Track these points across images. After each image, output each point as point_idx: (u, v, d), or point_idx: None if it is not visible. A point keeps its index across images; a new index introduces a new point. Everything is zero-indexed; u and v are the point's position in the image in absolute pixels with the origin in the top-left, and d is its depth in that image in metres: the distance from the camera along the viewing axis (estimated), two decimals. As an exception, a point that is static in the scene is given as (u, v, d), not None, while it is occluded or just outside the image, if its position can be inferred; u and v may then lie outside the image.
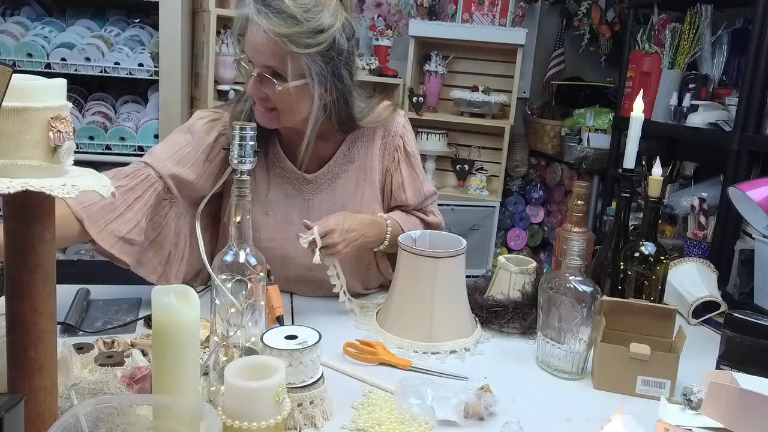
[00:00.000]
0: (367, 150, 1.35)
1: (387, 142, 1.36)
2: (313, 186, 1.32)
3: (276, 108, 1.19)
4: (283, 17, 1.11)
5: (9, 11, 2.51)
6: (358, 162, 1.34)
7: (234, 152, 0.89)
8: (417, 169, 1.39)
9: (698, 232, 2.13)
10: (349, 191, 1.34)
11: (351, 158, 1.34)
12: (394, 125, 1.36)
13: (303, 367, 0.89)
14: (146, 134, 2.47)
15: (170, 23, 2.40)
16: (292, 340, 0.91)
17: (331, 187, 1.33)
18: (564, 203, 3.24)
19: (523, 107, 3.40)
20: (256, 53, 1.15)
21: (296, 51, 1.12)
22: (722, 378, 0.96)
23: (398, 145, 1.36)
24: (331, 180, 1.33)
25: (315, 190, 1.33)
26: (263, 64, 1.15)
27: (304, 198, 1.33)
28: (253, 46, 1.15)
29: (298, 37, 1.12)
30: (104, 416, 0.71)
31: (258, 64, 1.16)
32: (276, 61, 1.14)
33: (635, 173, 1.32)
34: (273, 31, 1.11)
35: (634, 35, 2.61)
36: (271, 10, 1.11)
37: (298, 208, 1.32)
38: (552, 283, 1.09)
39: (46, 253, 0.68)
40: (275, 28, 1.11)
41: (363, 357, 1.09)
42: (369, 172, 1.35)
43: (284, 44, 1.12)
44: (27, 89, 0.65)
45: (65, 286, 1.14)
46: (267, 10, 1.11)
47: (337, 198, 1.33)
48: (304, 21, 1.12)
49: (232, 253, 0.90)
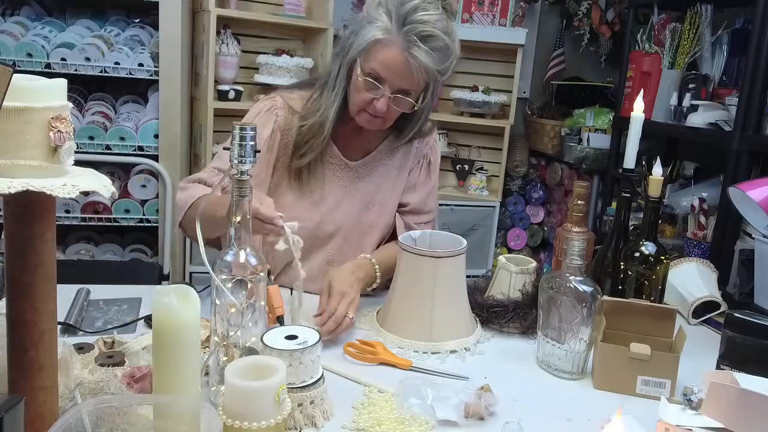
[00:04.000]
0: (406, 154, 1.44)
1: (419, 150, 1.47)
2: (353, 173, 1.40)
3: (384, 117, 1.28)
4: (440, 54, 1.20)
5: (9, 11, 2.51)
6: (396, 160, 1.44)
7: (234, 152, 0.89)
8: (432, 181, 1.48)
9: (698, 232, 2.13)
10: (385, 185, 1.43)
11: (392, 154, 1.43)
12: (429, 139, 1.48)
13: (303, 367, 0.89)
14: (146, 134, 2.47)
15: (170, 23, 2.39)
16: (293, 340, 0.91)
17: (369, 176, 1.41)
18: (564, 203, 3.24)
19: (523, 107, 3.40)
20: (399, 78, 1.22)
21: (436, 80, 1.25)
22: (722, 378, 0.96)
23: (426, 153, 1.47)
24: (371, 171, 1.41)
25: (355, 177, 1.40)
26: (403, 87, 1.23)
27: (341, 185, 1.40)
28: (396, 72, 1.21)
29: (446, 69, 1.23)
30: (105, 416, 0.71)
31: (394, 86, 1.23)
32: (416, 86, 1.24)
33: (635, 173, 1.32)
34: (432, 68, 1.19)
35: (634, 35, 2.61)
36: (431, 47, 1.18)
37: (334, 194, 1.39)
38: (552, 283, 1.09)
39: (47, 253, 0.68)
40: (434, 66, 1.19)
41: (363, 357, 1.09)
42: (403, 170, 1.45)
43: (438, 76, 1.22)
44: (27, 89, 0.65)
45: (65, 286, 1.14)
46: (426, 47, 1.18)
47: (371, 188, 1.41)
48: (452, 53, 1.22)
49: (232, 253, 0.90)
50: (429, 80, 1.24)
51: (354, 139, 1.39)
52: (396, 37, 1.18)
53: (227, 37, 2.60)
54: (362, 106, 1.26)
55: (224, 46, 2.59)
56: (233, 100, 2.59)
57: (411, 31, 1.17)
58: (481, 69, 3.17)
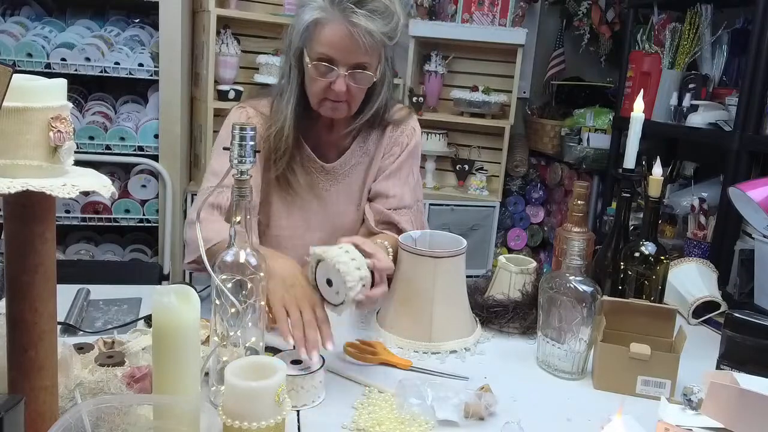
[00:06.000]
0: (379, 143, 1.40)
1: (393, 137, 1.40)
2: (331, 176, 1.38)
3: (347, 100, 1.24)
4: (381, 15, 1.15)
5: (9, 11, 2.51)
6: (370, 154, 1.40)
7: (234, 152, 0.89)
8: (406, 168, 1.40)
9: (698, 232, 2.12)
10: (361, 183, 1.40)
11: (366, 150, 1.40)
12: (406, 126, 1.41)
13: (305, 391, 0.92)
14: (146, 134, 2.47)
15: (170, 23, 2.39)
16: (297, 365, 0.94)
17: (347, 178, 1.39)
18: (564, 203, 3.24)
19: (523, 107, 3.40)
20: (348, 53, 1.18)
21: (390, 44, 1.19)
22: (722, 378, 0.96)
23: (402, 141, 1.40)
24: (347, 172, 1.39)
25: (332, 179, 1.38)
26: (355, 61, 1.19)
27: (322, 187, 1.38)
28: (343, 47, 1.17)
29: (393, 32, 1.18)
30: (105, 416, 0.72)
31: (347, 63, 1.19)
32: (369, 56, 1.19)
33: (635, 173, 1.32)
34: (377, 30, 1.15)
35: (634, 35, 2.61)
36: (369, 10, 1.14)
37: (317, 197, 1.38)
38: (552, 283, 1.09)
39: (47, 253, 0.68)
40: (379, 28, 1.15)
41: (363, 357, 1.09)
42: (375, 163, 1.40)
43: (385, 40, 1.17)
44: (27, 89, 0.65)
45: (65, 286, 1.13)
46: (364, 10, 1.14)
47: (352, 188, 1.39)
48: (394, 13, 1.17)
49: (232, 253, 0.90)
50: (378, 48, 1.20)
51: (326, 139, 1.36)
52: (332, 13, 1.15)
53: (227, 37, 2.60)
54: (321, 94, 1.23)
55: (224, 46, 2.59)
56: (233, 100, 2.59)
57: (345, 0, 1.14)
58: (481, 69, 3.18)
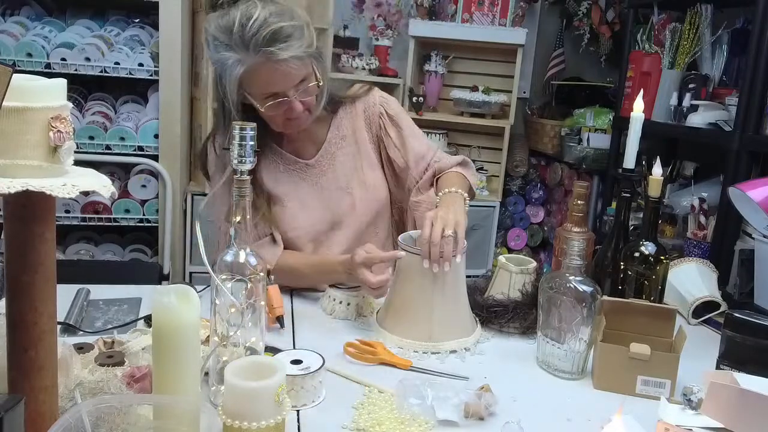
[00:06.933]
0: (354, 125, 1.44)
1: (369, 113, 1.45)
2: (316, 170, 1.42)
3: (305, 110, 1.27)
4: (294, 37, 1.19)
5: (9, 11, 2.51)
6: (349, 138, 1.44)
7: (234, 152, 0.89)
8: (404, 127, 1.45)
9: (698, 232, 2.12)
10: (349, 166, 1.43)
11: (343, 136, 1.43)
12: (371, 98, 1.46)
13: (304, 391, 0.92)
14: (146, 134, 2.47)
15: (170, 23, 2.39)
16: (297, 364, 0.94)
17: (332, 167, 1.42)
18: (564, 203, 3.24)
19: (523, 107, 3.39)
20: (287, 82, 1.22)
21: (313, 52, 1.23)
22: (722, 378, 0.96)
23: (380, 112, 1.45)
24: (331, 160, 1.42)
25: (319, 173, 1.42)
26: (295, 83, 1.23)
27: (311, 182, 1.41)
28: (280, 80, 1.21)
29: (311, 40, 1.22)
30: (105, 416, 0.71)
31: (289, 88, 1.23)
32: (304, 71, 1.23)
33: (635, 173, 1.32)
34: (299, 53, 1.19)
35: (634, 35, 2.61)
36: (282, 41, 1.17)
37: (310, 193, 1.41)
38: (552, 283, 1.09)
39: (47, 253, 0.68)
40: (298, 51, 1.19)
41: (363, 357, 1.09)
42: (361, 144, 1.44)
43: (309, 51, 1.21)
44: (27, 89, 0.65)
45: (65, 286, 1.14)
46: (279, 44, 1.17)
47: (340, 175, 1.42)
48: (301, 26, 1.21)
49: (232, 253, 0.90)
50: (308, 61, 1.23)
51: (300, 137, 1.40)
52: (254, 58, 1.17)
53: (227, 37, 2.60)
54: (282, 120, 1.28)
55: (224, 46, 2.58)
56: (233, 100, 2.58)
57: (257, 45, 1.15)
58: (481, 69, 3.18)
